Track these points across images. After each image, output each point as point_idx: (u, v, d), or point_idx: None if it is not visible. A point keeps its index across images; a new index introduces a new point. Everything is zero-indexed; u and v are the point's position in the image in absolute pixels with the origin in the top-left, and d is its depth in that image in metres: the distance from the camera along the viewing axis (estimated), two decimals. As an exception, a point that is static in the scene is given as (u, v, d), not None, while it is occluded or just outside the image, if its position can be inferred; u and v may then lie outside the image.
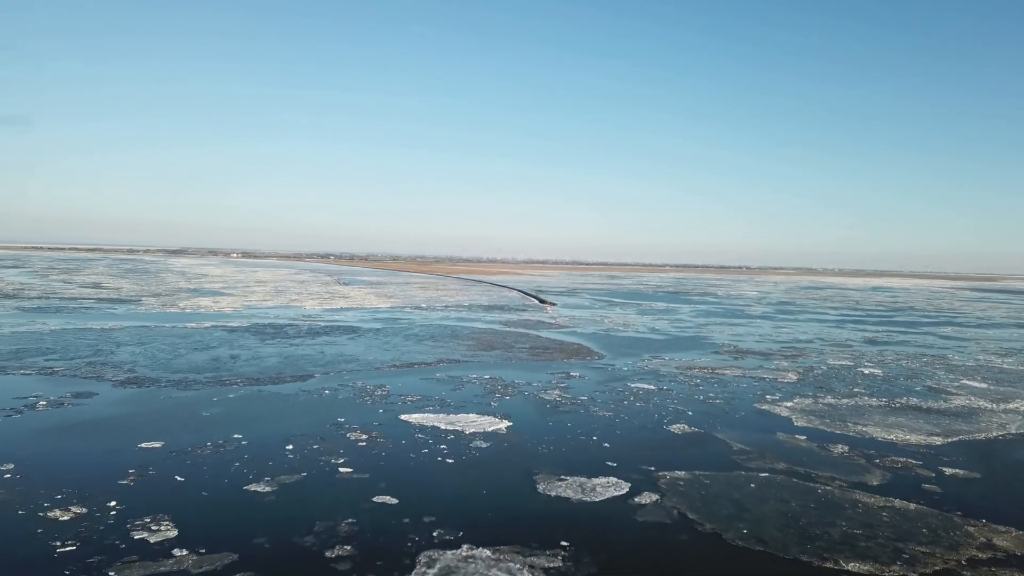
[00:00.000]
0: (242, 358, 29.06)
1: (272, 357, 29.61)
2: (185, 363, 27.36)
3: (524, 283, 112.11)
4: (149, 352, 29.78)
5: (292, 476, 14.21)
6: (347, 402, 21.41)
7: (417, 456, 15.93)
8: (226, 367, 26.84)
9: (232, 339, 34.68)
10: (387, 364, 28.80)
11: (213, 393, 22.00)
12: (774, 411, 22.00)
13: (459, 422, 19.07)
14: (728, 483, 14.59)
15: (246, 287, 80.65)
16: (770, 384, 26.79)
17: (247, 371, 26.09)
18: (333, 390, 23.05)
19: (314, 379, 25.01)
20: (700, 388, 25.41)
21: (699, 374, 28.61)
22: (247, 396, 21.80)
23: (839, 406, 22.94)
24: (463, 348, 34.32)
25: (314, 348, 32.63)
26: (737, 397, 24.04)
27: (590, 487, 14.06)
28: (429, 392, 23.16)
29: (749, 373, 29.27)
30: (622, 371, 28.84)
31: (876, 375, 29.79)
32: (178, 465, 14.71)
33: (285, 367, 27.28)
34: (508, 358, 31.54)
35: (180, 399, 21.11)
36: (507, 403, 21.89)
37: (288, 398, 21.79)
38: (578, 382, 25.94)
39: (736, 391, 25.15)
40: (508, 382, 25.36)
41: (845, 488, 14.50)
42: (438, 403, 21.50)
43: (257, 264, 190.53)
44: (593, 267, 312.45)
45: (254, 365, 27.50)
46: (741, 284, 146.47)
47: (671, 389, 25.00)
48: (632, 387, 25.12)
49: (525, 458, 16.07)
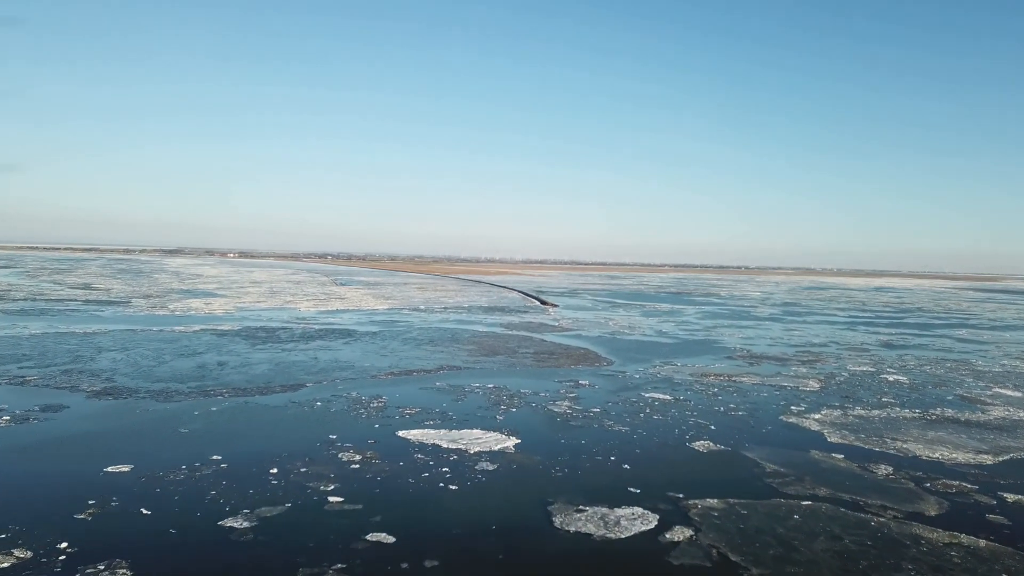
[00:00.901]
0: (230, 365, 27.34)
1: (262, 364, 27.88)
2: (168, 371, 25.63)
3: (524, 283, 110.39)
4: (131, 359, 28.04)
5: (274, 508, 12.50)
6: (340, 416, 19.70)
7: (417, 482, 14.23)
8: (212, 375, 25.11)
9: (221, 344, 32.95)
10: (384, 371, 27.09)
11: (195, 405, 20.28)
12: (803, 424, 20.33)
13: (462, 439, 17.37)
14: (769, 514, 12.92)
15: (240, 288, 78.83)
16: (792, 393, 25.12)
17: (234, 380, 24.37)
18: (325, 401, 21.34)
19: (305, 389, 23.31)
20: (719, 398, 23.74)
21: (715, 382, 26.93)
22: (232, 409, 20.08)
23: (871, 418, 21.28)
24: (464, 353, 32.62)
25: (307, 354, 30.91)
26: (760, 408, 22.37)
27: (613, 520, 12.38)
28: (429, 404, 21.46)
29: (768, 380, 27.61)
30: (634, 379, 27.15)
31: (902, 383, 28.14)
32: (146, 494, 12.99)
33: (275, 375, 25.56)
34: (512, 364, 29.85)
35: (158, 413, 19.39)
36: (514, 416, 20.20)
37: (276, 411, 20.08)
38: (588, 391, 24.25)
39: (758, 401, 23.48)
40: (513, 392, 23.67)
41: (901, 520, 12.83)
42: (439, 416, 19.81)
43: (253, 264, 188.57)
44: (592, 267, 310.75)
45: (242, 373, 25.78)
46: (743, 284, 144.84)
47: (688, 399, 23.33)
48: (646, 397, 23.44)
49: (537, 484, 14.38)
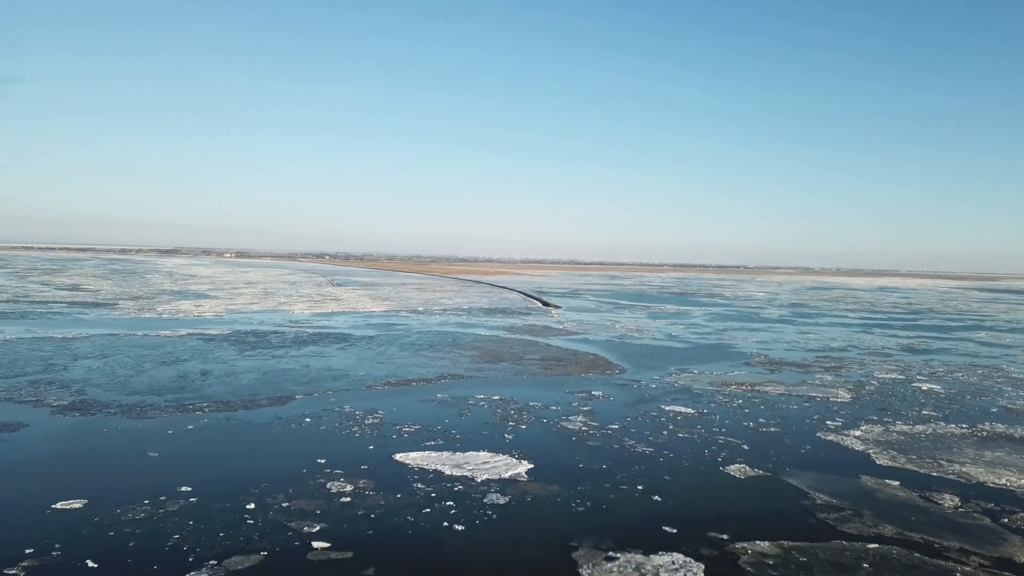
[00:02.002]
0: (214, 374, 25.32)
1: (249, 373, 25.86)
2: (146, 381, 23.61)
3: (523, 284, 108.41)
4: (108, 367, 26.01)
5: (247, 558, 10.50)
6: (331, 434, 17.70)
7: (417, 520, 12.23)
8: (193, 386, 23.10)
9: (207, 350, 30.92)
10: (380, 381, 25.09)
11: (170, 423, 18.27)
12: (843, 443, 18.36)
13: (468, 464, 15.39)
14: (833, 562, 10.93)
15: (233, 289, 76.75)
16: (824, 405, 23.16)
17: (217, 392, 22.36)
18: (315, 417, 19.34)
19: (294, 402, 21.31)
20: (746, 412, 21.77)
21: (738, 392, 24.96)
22: (211, 427, 18.07)
23: (917, 436, 19.32)
24: (466, 360, 30.63)
25: (298, 361, 28.89)
26: (793, 423, 20.41)
27: (651, 571, 10.40)
28: (430, 419, 19.47)
29: (794, 390, 25.64)
30: (650, 389, 25.17)
31: (937, 393, 26.18)
32: (96, 540, 10.98)
33: (262, 386, 23.55)
34: (518, 372, 27.86)
35: (127, 432, 17.37)
36: (524, 435, 18.21)
37: (260, 429, 18.07)
38: (603, 404, 22.27)
39: (788, 415, 21.52)
40: (521, 404, 21.69)
41: (990, 570, 10.86)
42: (441, 435, 17.81)
43: (249, 264, 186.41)
44: (591, 267, 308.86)
45: (226, 383, 23.76)
46: (745, 284, 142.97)
47: (713, 413, 21.35)
48: (667, 411, 21.47)
49: (557, 522, 12.39)
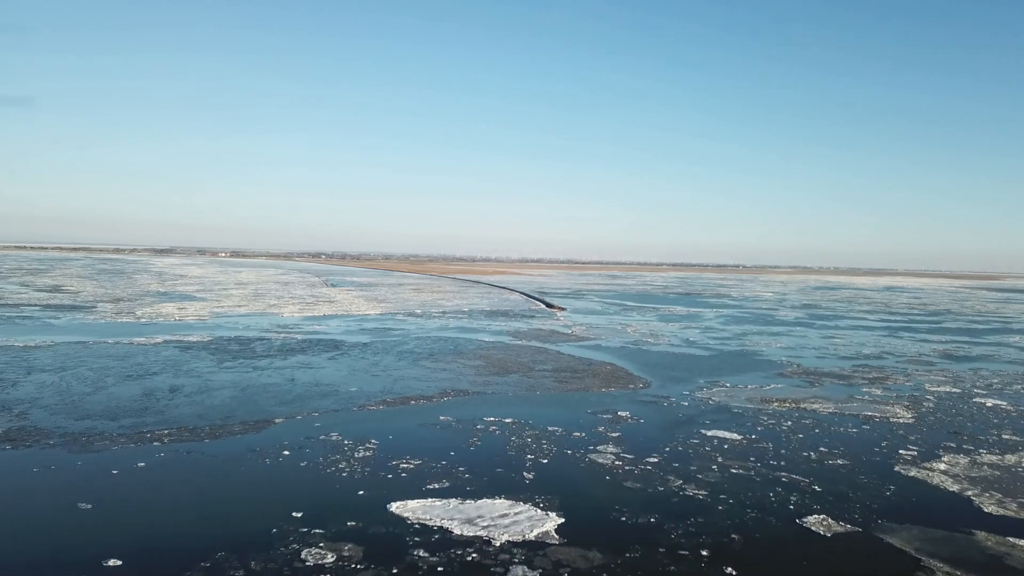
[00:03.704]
0: (184, 391, 22.16)
1: (224, 389, 22.70)
2: (103, 401, 20.44)
3: (524, 284, 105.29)
4: (64, 383, 22.82)
5: None
6: (313, 475, 14.56)
7: (419, 612, 9.10)
8: (157, 407, 19.94)
9: (182, 361, 27.72)
10: (374, 399, 21.95)
11: (117, 459, 15.10)
12: (932, 480, 15.27)
13: (482, 518, 12.25)
14: None
15: (223, 290, 73.48)
16: (886, 428, 20.09)
17: (183, 414, 19.20)
18: (296, 449, 16.20)
19: (273, 428, 18.17)
20: (800, 438, 18.68)
21: (783, 411, 21.88)
22: (166, 465, 14.91)
23: (1012, 469, 16.24)
24: (471, 372, 27.49)
25: (282, 374, 25.73)
26: (860, 453, 17.31)
27: None
28: (432, 451, 16.33)
29: (845, 408, 22.57)
30: (683, 407, 22.08)
31: (1006, 410, 23.13)
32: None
33: (237, 406, 20.40)
34: (530, 387, 24.73)
35: (61, 472, 14.21)
36: (546, 472, 15.09)
37: (226, 468, 14.91)
38: (633, 428, 19.16)
39: (850, 442, 18.43)
40: (539, 429, 18.57)
41: None
42: (446, 474, 14.69)
43: (243, 264, 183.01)
44: (590, 266, 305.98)
45: (196, 403, 20.61)
46: (749, 284, 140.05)
47: (763, 440, 18.26)
48: (710, 437, 18.36)
49: (608, 613, 9.27)
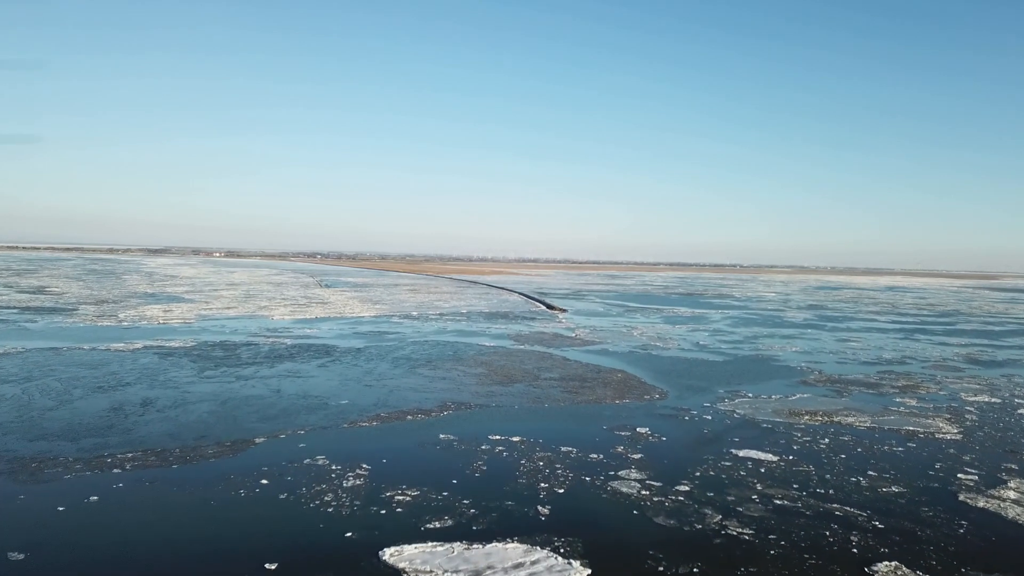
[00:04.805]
0: (157, 405, 20.11)
1: (202, 402, 20.66)
2: (65, 418, 18.37)
3: (522, 284, 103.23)
4: (26, 396, 20.75)
5: None
6: (292, 511, 12.53)
7: None
8: (124, 425, 17.88)
9: (160, 369, 25.65)
10: (367, 414, 19.93)
11: (68, 490, 13.05)
12: (1008, 514, 13.32)
13: (492, 570, 10.25)
14: None
15: (213, 291, 71.27)
16: (934, 446, 18.16)
17: (152, 433, 17.15)
18: (276, 476, 14.17)
19: (253, 449, 16.15)
20: (842, 458, 16.71)
21: (816, 426, 19.93)
22: (121, 498, 12.86)
23: (1092, 498, 14.30)
24: (472, 381, 25.47)
25: (268, 384, 23.68)
26: (915, 478, 15.35)
27: None
28: (432, 478, 14.31)
29: (882, 423, 20.63)
30: (706, 422, 20.11)
31: (1057, 423, 21.24)
32: None
33: (214, 423, 18.36)
34: (538, 399, 22.73)
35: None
36: (564, 507, 13.09)
37: (193, 503, 12.86)
38: (656, 448, 17.17)
39: (899, 463, 16.47)
40: (552, 450, 16.58)
41: None
42: (449, 508, 12.68)
43: (237, 264, 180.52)
44: (587, 266, 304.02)
45: (169, 420, 18.56)
46: (750, 284, 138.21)
47: (802, 461, 16.28)
48: (743, 459, 16.38)
49: None
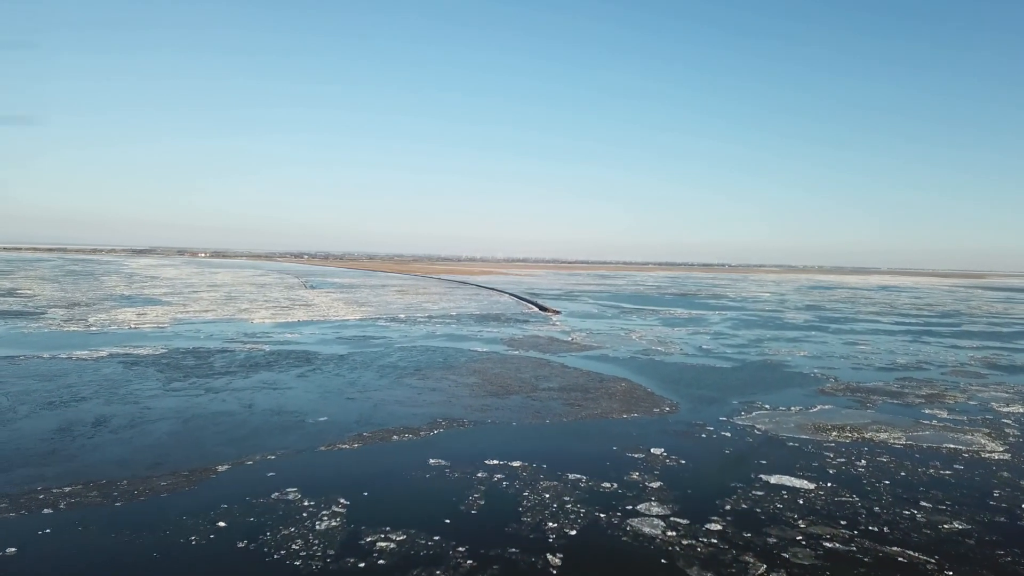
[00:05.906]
0: (112, 424, 17.87)
1: (163, 420, 18.44)
2: (2, 440, 16.11)
3: (512, 285, 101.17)
4: (-37, 414, 18.44)
5: None
6: (252, 564, 10.38)
7: None
8: (69, 449, 15.65)
9: (121, 381, 23.37)
10: (348, 434, 17.78)
11: (-18, 540, 10.84)
12: (1093, 558, 11.38)
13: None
14: None
15: (192, 293, 68.73)
16: (983, 467, 16.25)
17: (100, 460, 14.94)
18: (236, 517, 12.02)
19: (213, 479, 13.98)
20: (888, 485, 14.76)
21: (848, 444, 17.98)
22: (39, 550, 10.66)
23: None
24: (464, 392, 23.36)
25: (239, 397, 21.48)
26: (976, 510, 13.41)
27: None
28: (420, 519, 12.21)
29: (918, 439, 18.72)
30: (726, 440, 18.11)
31: (1106, 438, 19.40)
32: None
33: (173, 447, 16.16)
34: (537, 413, 20.65)
35: None
36: (578, 556, 11.01)
37: (128, 558, 10.68)
38: (676, 474, 15.13)
39: (953, 491, 14.54)
40: (557, 479, 14.52)
41: None
42: (440, 562, 10.57)
43: (221, 264, 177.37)
44: (577, 265, 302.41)
45: (122, 442, 16.34)
46: (742, 284, 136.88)
47: (844, 490, 14.31)
48: (775, 486, 14.39)
49: None
